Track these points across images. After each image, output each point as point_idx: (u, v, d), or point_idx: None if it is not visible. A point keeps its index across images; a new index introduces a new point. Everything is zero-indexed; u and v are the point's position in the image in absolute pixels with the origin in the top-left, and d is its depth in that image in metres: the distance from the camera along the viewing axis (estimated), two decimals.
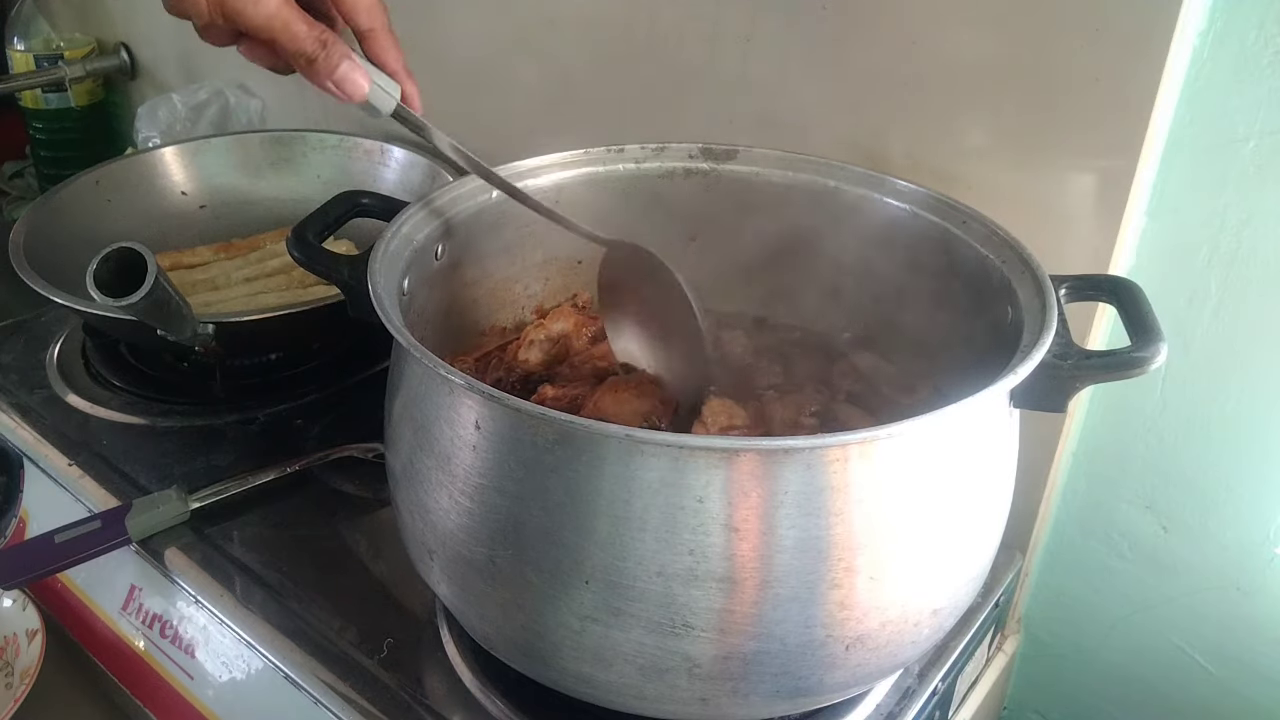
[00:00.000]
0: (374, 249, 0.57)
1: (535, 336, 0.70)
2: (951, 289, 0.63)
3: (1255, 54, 0.60)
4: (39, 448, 0.83)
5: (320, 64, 0.52)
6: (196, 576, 0.70)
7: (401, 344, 0.49)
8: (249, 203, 1.08)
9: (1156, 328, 0.51)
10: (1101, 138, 0.64)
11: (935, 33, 0.69)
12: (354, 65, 0.54)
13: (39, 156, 1.53)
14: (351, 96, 0.54)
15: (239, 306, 0.92)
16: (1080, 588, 0.81)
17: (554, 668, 0.52)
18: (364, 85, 0.54)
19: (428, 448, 0.51)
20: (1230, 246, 0.65)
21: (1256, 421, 0.69)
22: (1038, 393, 0.50)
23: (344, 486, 0.78)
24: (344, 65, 0.53)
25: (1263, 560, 0.71)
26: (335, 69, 0.53)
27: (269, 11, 0.50)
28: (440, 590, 0.55)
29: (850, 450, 0.45)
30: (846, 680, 0.52)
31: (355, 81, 0.54)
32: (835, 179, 0.68)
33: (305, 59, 0.52)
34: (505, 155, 0.68)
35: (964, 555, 0.52)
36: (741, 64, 0.80)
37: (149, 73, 1.46)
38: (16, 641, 0.73)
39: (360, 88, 0.54)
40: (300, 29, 0.52)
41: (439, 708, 0.61)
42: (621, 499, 0.45)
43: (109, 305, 0.66)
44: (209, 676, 0.68)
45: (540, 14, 0.92)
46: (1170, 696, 0.80)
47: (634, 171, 0.71)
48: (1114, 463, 0.76)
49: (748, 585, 0.46)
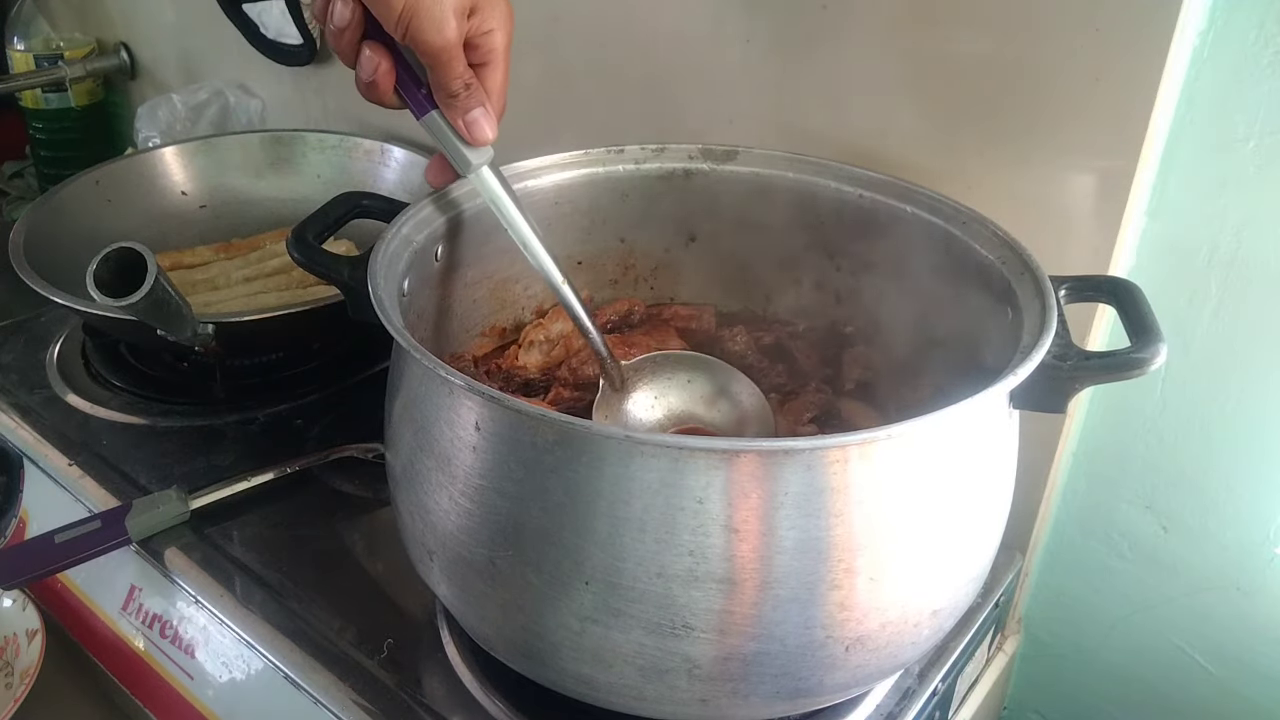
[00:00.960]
0: (374, 250, 0.57)
1: (535, 337, 0.70)
2: (951, 289, 0.63)
3: (1255, 54, 0.60)
4: (39, 448, 0.83)
5: (460, 101, 0.56)
6: (196, 576, 0.70)
7: (401, 345, 0.49)
8: (249, 203, 1.08)
9: (1156, 328, 0.51)
10: (1101, 138, 0.64)
11: (935, 33, 0.69)
12: (486, 113, 0.57)
13: (39, 156, 1.53)
14: (476, 140, 0.57)
15: (239, 306, 0.92)
16: (1080, 588, 0.81)
17: (554, 669, 0.52)
18: (490, 134, 0.58)
19: (428, 448, 0.51)
20: (1230, 247, 0.65)
21: (1256, 421, 0.69)
22: (1037, 393, 0.50)
23: (344, 486, 0.78)
24: (478, 110, 0.57)
25: (1263, 560, 0.71)
26: (470, 110, 0.56)
27: (446, 41, 0.53)
28: (440, 591, 0.55)
29: (850, 451, 0.45)
30: (846, 681, 0.52)
31: (483, 127, 0.57)
32: (835, 179, 0.68)
33: (448, 93, 0.56)
34: (505, 155, 0.68)
35: (964, 555, 0.52)
36: (741, 64, 0.80)
37: (149, 73, 1.46)
38: (16, 641, 0.73)
39: (486, 134, 0.57)
40: (460, 66, 0.55)
41: (439, 708, 0.61)
42: (621, 500, 0.45)
43: (109, 305, 0.66)
44: (209, 676, 0.68)
45: (541, 13, 0.92)
46: (1170, 696, 0.80)
47: (634, 171, 0.71)
48: (1114, 463, 0.76)
49: (748, 586, 0.46)
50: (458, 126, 0.57)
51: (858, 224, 0.68)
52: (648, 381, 0.65)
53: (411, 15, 0.52)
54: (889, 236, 0.66)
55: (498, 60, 0.57)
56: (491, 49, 0.57)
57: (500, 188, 0.59)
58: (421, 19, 0.52)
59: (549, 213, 0.70)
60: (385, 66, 0.55)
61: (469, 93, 0.56)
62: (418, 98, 0.57)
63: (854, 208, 0.67)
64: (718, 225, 0.73)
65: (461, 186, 0.65)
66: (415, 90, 0.57)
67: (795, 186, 0.69)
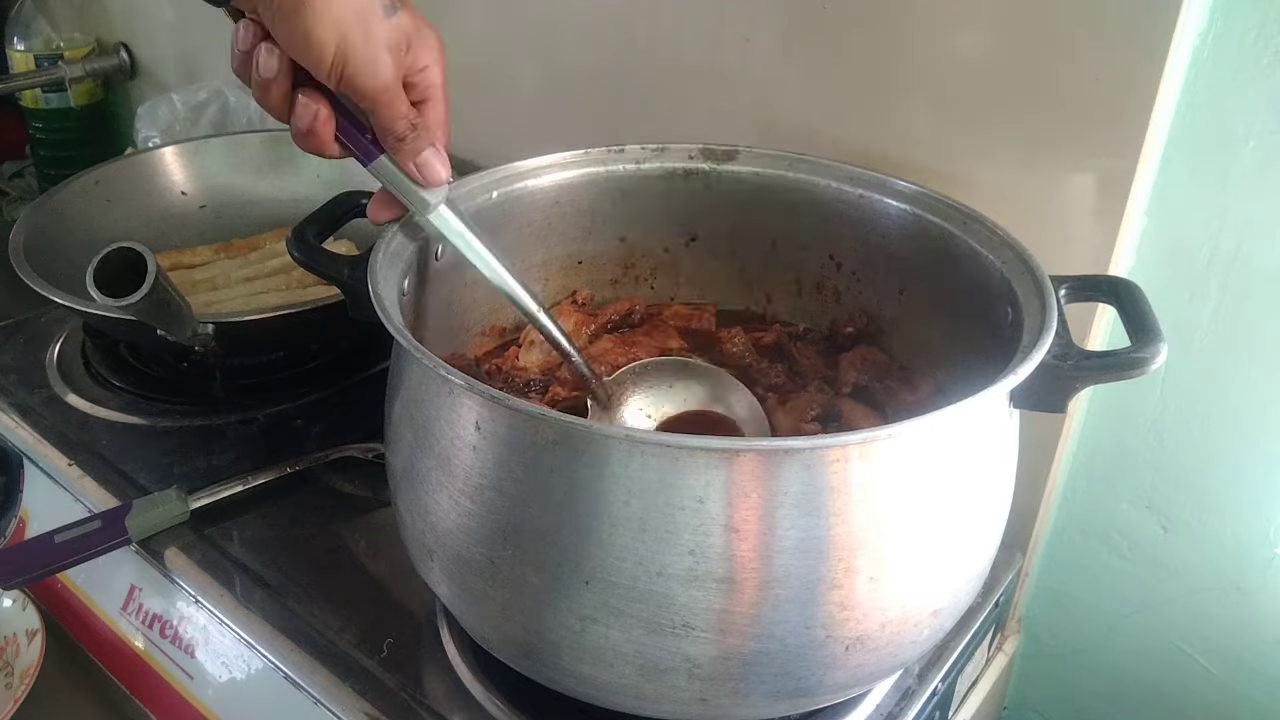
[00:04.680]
0: (374, 249, 0.57)
1: (535, 337, 0.70)
2: (952, 289, 0.63)
3: (1255, 54, 0.60)
4: (39, 448, 0.83)
5: (408, 144, 0.54)
6: (196, 576, 0.70)
7: (401, 344, 0.49)
8: (249, 203, 1.08)
9: (1156, 328, 0.51)
10: (1101, 137, 0.64)
11: (935, 32, 0.69)
12: (436, 152, 0.55)
13: (39, 156, 1.53)
14: (430, 182, 0.55)
15: (239, 306, 0.92)
16: (1080, 588, 0.81)
17: (554, 668, 0.52)
18: (443, 174, 0.56)
19: (428, 448, 0.51)
20: (1230, 246, 0.65)
21: (1256, 421, 0.69)
22: (1038, 393, 0.50)
23: (344, 486, 0.78)
24: (428, 151, 0.54)
25: (1263, 560, 0.71)
26: (420, 152, 0.54)
27: (383, 84, 0.51)
28: (440, 591, 0.55)
29: (850, 450, 0.45)
30: (846, 681, 0.52)
31: (435, 168, 0.55)
32: (835, 179, 0.68)
33: (395, 136, 0.53)
34: (505, 155, 0.68)
35: (964, 555, 0.52)
36: (741, 64, 0.80)
37: (149, 73, 1.46)
38: (16, 641, 0.73)
39: (439, 175, 0.55)
40: (402, 107, 0.53)
41: (439, 708, 0.61)
42: (621, 499, 0.45)
43: (109, 305, 0.66)
44: (209, 676, 0.68)
45: (540, 14, 0.92)
46: (1170, 696, 0.80)
47: (634, 171, 0.71)
48: (1114, 463, 0.76)
49: (747, 586, 0.46)
50: (409, 171, 0.55)
51: (858, 224, 0.68)
52: (634, 394, 0.65)
53: (344, 61, 0.49)
54: (889, 236, 0.66)
55: (437, 95, 0.55)
56: (429, 85, 0.54)
57: (460, 224, 0.58)
58: (356, 63, 0.50)
59: (549, 212, 0.70)
60: (324, 113, 0.52)
61: (416, 134, 0.54)
62: (362, 143, 0.54)
63: (854, 208, 0.67)
64: (718, 225, 0.73)
65: (462, 187, 0.65)
66: (359, 136, 0.54)
67: (795, 186, 0.69)
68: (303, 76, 0.51)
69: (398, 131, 0.53)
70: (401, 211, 0.58)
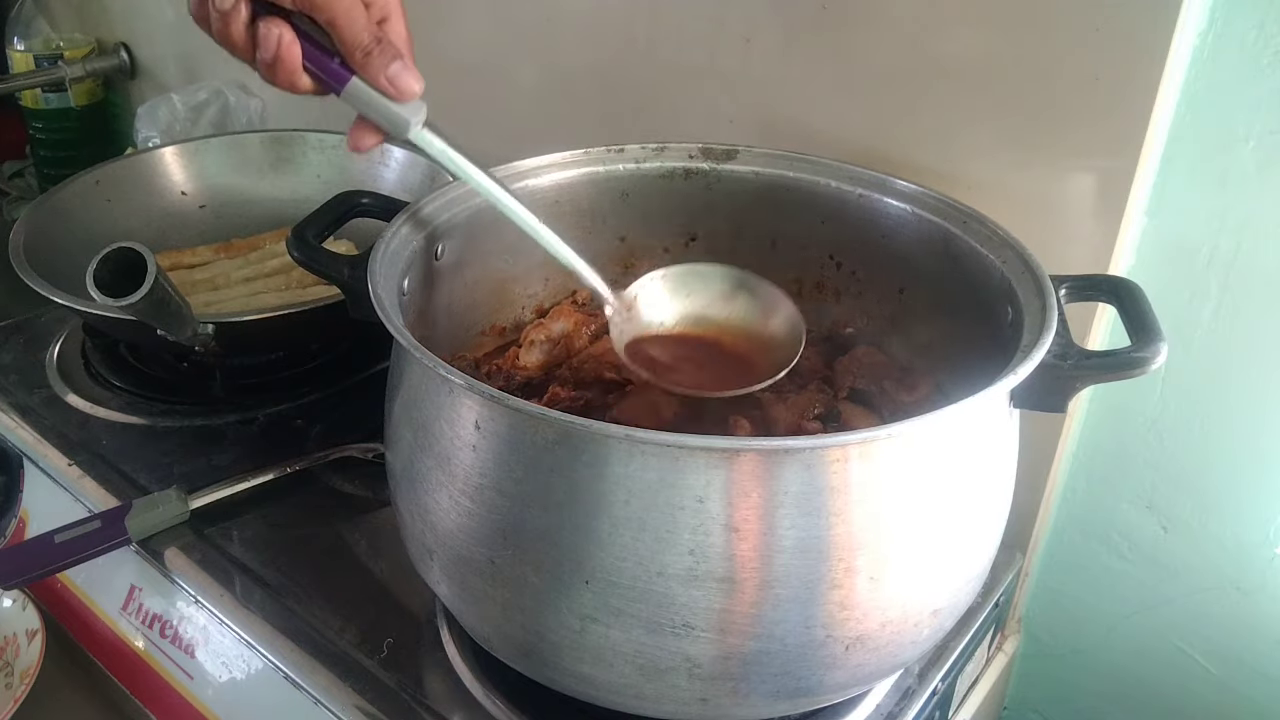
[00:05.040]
0: (374, 249, 0.57)
1: (535, 337, 0.70)
2: (952, 289, 0.63)
3: (1255, 54, 0.60)
4: (39, 448, 0.83)
5: (375, 58, 0.51)
6: (196, 576, 0.70)
7: (401, 344, 0.49)
8: (249, 203, 1.08)
9: (1156, 328, 0.51)
10: (1102, 137, 0.64)
11: (935, 32, 0.69)
12: (405, 65, 0.52)
13: (39, 156, 1.53)
14: (404, 94, 0.52)
15: (239, 306, 0.92)
16: (1080, 588, 0.81)
17: (554, 668, 0.52)
18: (416, 86, 0.53)
19: (428, 448, 0.51)
20: (1230, 246, 0.65)
21: (1256, 421, 0.69)
22: (1038, 393, 0.50)
23: (344, 486, 0.78)
24: (397, 63, 0.52)
25: (1263, 560, 0.71)
26: (389, 65, 0.51)
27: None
28: (440, 590, 0.55)
29: (850, 450, 0.45)
30: (846, 680, 0.52)
31: (407, 80, 0.52)
32: (835, 179, 0.68)
33: (361, 50, 0.51)
34: (505, 155, 0.68)
35: (964, 555, 0.52)
36: (741, 64, 0.80)
37: (149, 73, 1.46)
38: (16, 641, 0.73)
39: (412, 86, 0.52)
40: (364, 17, 0.50)
41: (439, 708, 0.61)
42: (621, 499, 0.45)
43: (109, 305, 0.66)
44: (209, 676, 0.68)
45: (540, 14, 0.92)
46: (1170, 696, 0.80)
47: (634, 171, 0.71)
48: (1114, 463, 0.76)
49: (748, 585, 0.46)
50: (381, 85, 0.52)
51: (858, 224, 0.68)
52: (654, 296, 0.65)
53: None
54: (889, 236, 0.66)
55: (396, 12, 0.53)
56: (385, 2, 0.53)
57: (443, 142, 0.55)
58: None
59: (549, 212, 0.70)
60: (287, 36, 0.50)
61: (381, 47, 0.51)
62: (330, 68, 0.52)
63: (854, 208, 0.67)
64: (718, 225, 0.73)
65: (462, 186, 0.65)
66: (326, 61, 0.52)
67: (795, 186, 0.69)
68: (261, 7, 0.50)
69: (364, 43, 0.51)
70: (381, 136, 0.55)
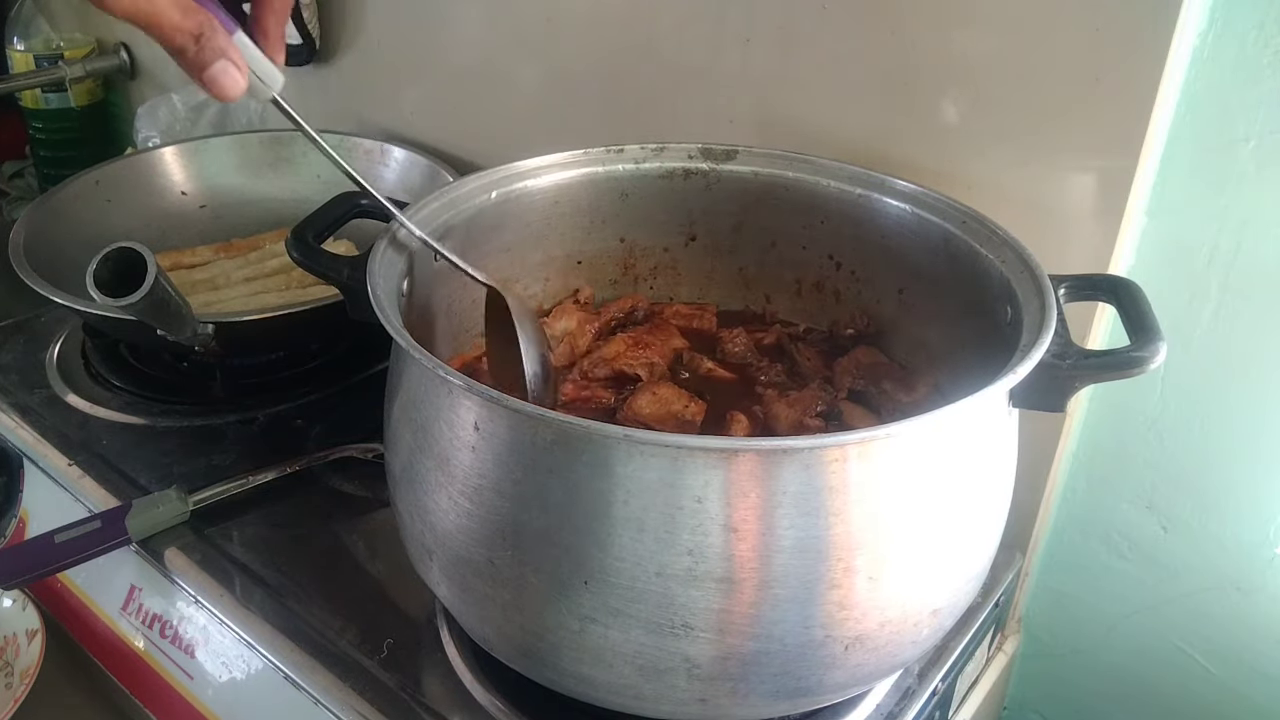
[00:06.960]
0: (373, 249, 0.57)
1: None
2: (951, 289, 0.63)
3: (1255, 54, 0.60)
4: (39, 448, 0.83)
5: (190, 58, 0.48)
6: (196, 576, 0.70)
7: (401, 345, 0.49)
8: (249, 203, 1.08)
9: (1156, 327, 0.51)
10: (1101, 137, 0.64)
11: (935, 32, 0.69)
12: (228, 64, 0.49)
13: (39, 156, 1.53)
14: (222, 96, 0.50)
15: (239, 306, 0.92)
16: (1080, 588, 0.81)
17: (553, 668, 0.52)
18: (236, 87, 0.50)
19: (427, 449, 0.51)
20: (1230, 247, 0.65)
21: (1256, 421, 0.69)
22: (1037, 392, 0.50)
23: (344, 486, 0.78)
24: (218, 63, 0.48)
25: (1263, 560, 0.71)
26: (208, 65, 0.48)
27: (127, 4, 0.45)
28: (440, 591, 0.55)
29: (849, 450, 0.45)
30: (846, 680, 0.52)
31: (224, 83, 0.49)
32: (835, 179, 0.68)
33: (176, 50, 0.48)
34: (505, 155, 0.68)
35: (964, 555, 0.52)
36: (741, 64, 0.80)
37: (149, 73, 1.46)
38: (16, 641, 0.73)
39: (230, 90, 0.50)
40: (170, 18, 0.47)
41: (439, 708, 0.61)
42: (620, 499, 0.45)
43: (109, 305, 0.66)
44: (209, 676, 0.68)
45: (540, 14, 0.92)
46: (1170, 696, 0.80)
47: (634, 171, 0.71)
48: (1114, 463, 0.76)
49: (747, 585, 0.46)
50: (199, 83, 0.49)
51: (858, 224, 0.68)
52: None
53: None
54: (889, 236, 0.66)
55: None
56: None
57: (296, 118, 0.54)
58: None
59: (548, 212, 0.70)
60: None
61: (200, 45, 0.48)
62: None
63: (854, 208, 0.67)
64: (717, 225, 0.73)
65: (462, 187, 0.65)
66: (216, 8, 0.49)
67: (795, 186, 0.69)
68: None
69: (177, 45, 0.47)
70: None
